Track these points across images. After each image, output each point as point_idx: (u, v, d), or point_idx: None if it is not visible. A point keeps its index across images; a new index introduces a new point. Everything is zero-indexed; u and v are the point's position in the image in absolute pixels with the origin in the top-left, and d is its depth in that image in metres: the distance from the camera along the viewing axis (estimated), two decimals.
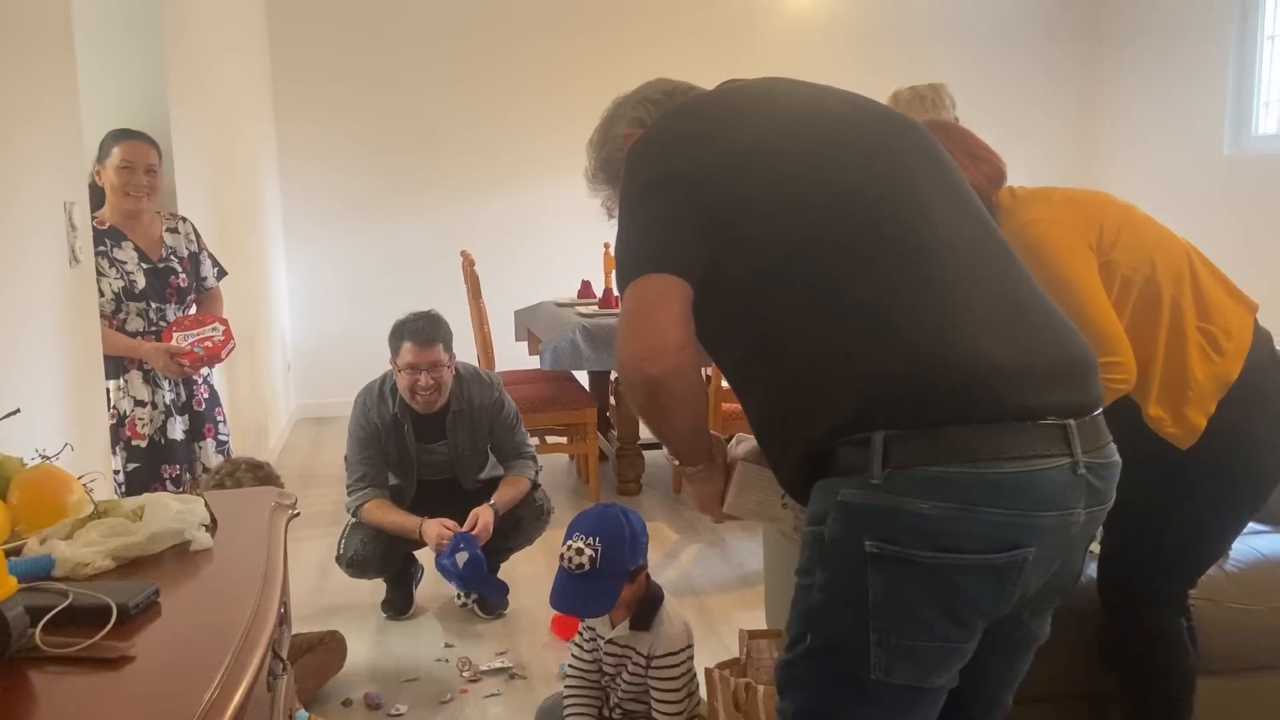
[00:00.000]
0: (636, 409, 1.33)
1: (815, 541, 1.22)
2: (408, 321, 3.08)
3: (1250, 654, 2.15)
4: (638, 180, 1.33)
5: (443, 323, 3.10)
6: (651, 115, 1.49)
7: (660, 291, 1.24)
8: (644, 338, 1.24)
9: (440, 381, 3.04)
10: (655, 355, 1.23)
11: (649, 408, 1.29)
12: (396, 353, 3.06)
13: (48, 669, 1.01)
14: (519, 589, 3.33)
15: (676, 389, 1.26)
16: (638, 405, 1.30)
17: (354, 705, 2.64)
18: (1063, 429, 1.18)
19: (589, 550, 2.20)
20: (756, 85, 1.43)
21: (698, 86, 1.52)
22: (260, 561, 1.29)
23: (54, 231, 2.12)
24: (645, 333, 1.24)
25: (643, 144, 1.37)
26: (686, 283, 1.25)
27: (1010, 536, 1.16)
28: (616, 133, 1.52)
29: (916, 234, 1.25)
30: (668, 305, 1.23)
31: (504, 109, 5.97)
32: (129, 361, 2.89)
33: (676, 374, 1.24)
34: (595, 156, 1.56)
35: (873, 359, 1.19)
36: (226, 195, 4.26)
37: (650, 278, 1.25)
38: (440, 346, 3.03)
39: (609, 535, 2.21)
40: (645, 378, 1.24)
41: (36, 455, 1.38)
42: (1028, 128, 6.44)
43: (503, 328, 5.11)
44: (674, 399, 1.27)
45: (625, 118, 1.52)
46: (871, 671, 1.18)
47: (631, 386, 1.27)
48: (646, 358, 1.23)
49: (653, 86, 1.54)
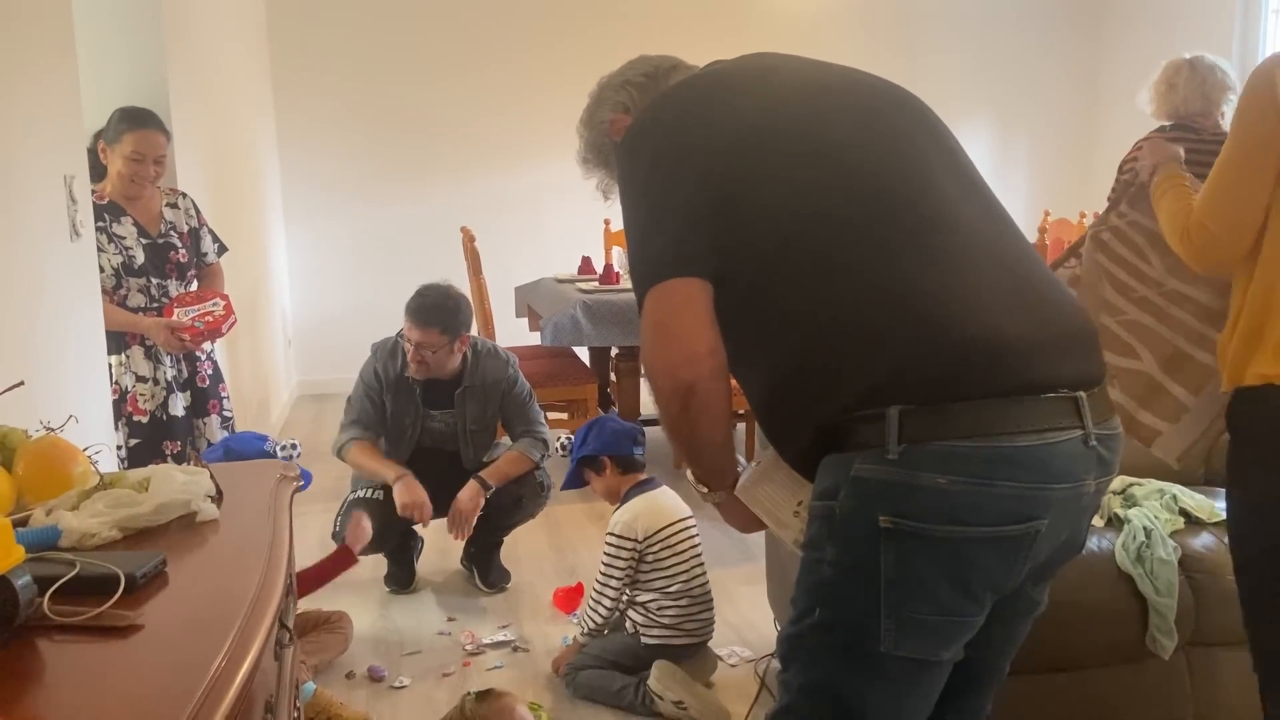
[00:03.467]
0: (668, 423, 1.31)
1: (826, 516, 1.22)
2: (418, 294, 3.06)
3: None
4: (641, 173, 1.31)
5: (448, 305, 3.03)
6: (634, 99, 1.47)
7: (685, 296, 1.24)
8: (675, 346, 1.24)
9: (427, 361, 3.03)
10: (688, 362, 1.23)
11: (680, 419, 1.28)
12: (405, 318, 3.07)
13: (56, 638, 1.02)
14: (521, 565, 3.35)
15: (710, 396, 1.25)
16: (670, 417, 1.29)
17: (357, 678, 2.65)
18: (1074, 401, 1.18)
19: (564, 437, 3.03)
20: (749, 63, 1.40)
21: (682, 62, 1.51)
22: (266, 532, 1.29)
23: (54, 204, 2.11)
24: (675, 341, 1.24)
25: (639, 134, 1.35)
26: (706, 282, 1.24)
27: (1024, 509, 1.16)
28: (601, 118, 1.51)
29: (923, 208, 1.24)
30: (694, 310, 1.23)
31: (504, 85, 5.93)
32: (130, 337, 2.89)
33: (710, 378, 1.24)
34: (584, 139, 1.55)
35: (885, 335, 1.18)
36: (226, 171, 4.24)
37: (673, 283, 1.24)
38: (436, 330, 3.00)
39: (581, 429, 2.79)
40: (680, 385, 1.24)
41: (41, 427, 1.38)
42: (1029, 112, 6.42)
43: (503, 304, 5.10)
44: (706, 406, 1.26)
45: (609, 102, 1.51)
46: (880, 645, 1.19)
47: (665, 395, 1.27)
48: (680, 364, 1.23)
49: (634, 68, 1.52)
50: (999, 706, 2.03)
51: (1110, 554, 2.13)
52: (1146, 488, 2.36)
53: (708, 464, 1.38)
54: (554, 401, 4.32)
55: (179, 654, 0.98)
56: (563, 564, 3.40)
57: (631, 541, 2.53)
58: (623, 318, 4.01)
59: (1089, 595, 2.06)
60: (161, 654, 0.99)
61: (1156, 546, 2.12)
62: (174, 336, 2.87)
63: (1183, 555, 2.13)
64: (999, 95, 6.41)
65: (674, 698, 2.40)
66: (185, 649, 0.99)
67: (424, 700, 2.52)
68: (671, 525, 2.56)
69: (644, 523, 2.54)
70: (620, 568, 2.54)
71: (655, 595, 2.53)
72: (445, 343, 3.03)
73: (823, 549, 1.22)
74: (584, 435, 2.76)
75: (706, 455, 1.36)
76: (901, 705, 1.24)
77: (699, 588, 2.55)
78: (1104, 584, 2.08)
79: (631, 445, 2.73)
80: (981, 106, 6.37)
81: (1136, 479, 2.42)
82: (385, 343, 3.18)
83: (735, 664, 2.69)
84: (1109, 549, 2.14)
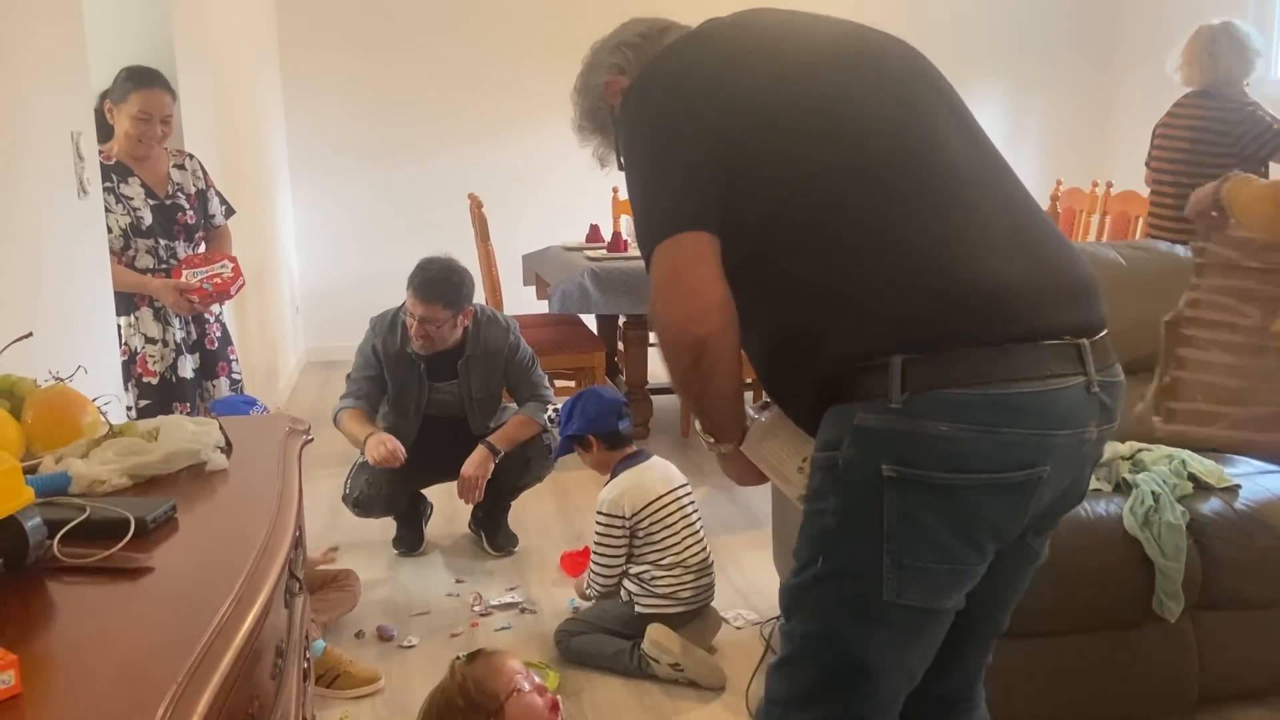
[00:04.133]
0: (679, 378, 1.30)
1: (829, 467, 1.22)
2: (421, 268, 3.03)
3: (1258, 590, 2.16)
4: (644, 131, 1.31)
5: (452, 280, 3.00)
6: (629, 60, 1.46)
7: (694, 251, 1.23)
8: (685, 300, 1.23)
9: (431, 336, 3.01)
10: (699, 316, 1.22)
11: (691, 374, 1.27)
12: (408, 292, 3.05)
13: (66, 579, 1.02)
14: (528, 528, 3.36)
15: (721, 350, 1.24)
16: (681, 372, 1.28)
17: (366, 638, 2.67)
18: (1076, 348, 1.19)
19: (552, 409, 3.18)
20: (749, 18, 1.38)
21: (675, 23, 1.49)
22: (275, 483, 1.30)
23: (61, 161, 2.10)
24: (685, 295, 1.23)
25: (640, 93, 1.34)
26: (714, 236, 1.24)
27: (1026, 456, 1.16)
28: (597, 81, 1.49)
29: (927, 158, 1.24)
30: (703, 264, 1.23)
31: (512, 51, 5.88)
32: (139, 299, 2.89)
33: (722, 332, 1.23)
34: (579, 106, 1.53)
35: (888, 285, 1.18)
36: (232, 134, 4.22)
37: (681, 237, 1.23)
38: (440, 305, 2.97)
39: (567, 402, 2.80)
40: (691, 340, 1.23)
41: (50, 376, 1.38)
42: (1043, 80, 6.35)
43: (510, 272, 5.08)
44: (717, 361, 1.25)
45: (604, 65, 1.49)
46: (884, 594, 1.19)
47: (675, 349, 1.26)
48: (690, 318, 1.23)
49: (627, 29, 1.51)
50: (1005, 669, 2.03)
51: (1118, 517, 2.12)
52: (1155, 453, 2.36)
53: (718, 418, 1.37)
54: (561, 369, 4.32)
55: (189, 596, 0.99)
56: (570, 529, 3.41)
57: (620, 519, 2.53)
58: (631, 286, 3.99)
59: (1096, 558, 2.06)
60: (172, 595, 1.00)
61: (1165, 510, 2.11)
62: (183, 298, 2.87)
63: (1191, 520, 2.13)
64: (1013, 63, 6.35)
65: (669, 660, 2.41)
66: (196, 591, 1.00)
67: (432, 659, 2.54)
68: (660, 499, 2.55)
69: (630, 499, 2.54)
70: (613, 544, 2.54)
71: (647, 567, 2.52)
72: (449, 317, 3.01)
73: (825, 499, 1.23)
74: (569, 410, 2.76)
75: (717, 410, 1.35)
76: (904, 654, 1.25)
77: (693, 557, 2.53)
78: (1111, 547, 2.07)
79: (616, 420, 2.72)
80: (995, 74, 6.30)
81: (1145, 444, 2.42)
82: (383, 317, 3.16)
83: (741, 626, 2.70)
84: (1117, 513, 2.13)
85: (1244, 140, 3.57)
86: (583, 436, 2.73)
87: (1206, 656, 2.16)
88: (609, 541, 2.55)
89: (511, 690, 1.68)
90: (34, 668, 0.83)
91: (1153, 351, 1.81)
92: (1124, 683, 2.13)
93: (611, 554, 2.55)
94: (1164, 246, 2.78)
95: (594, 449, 2.73)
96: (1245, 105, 3.66)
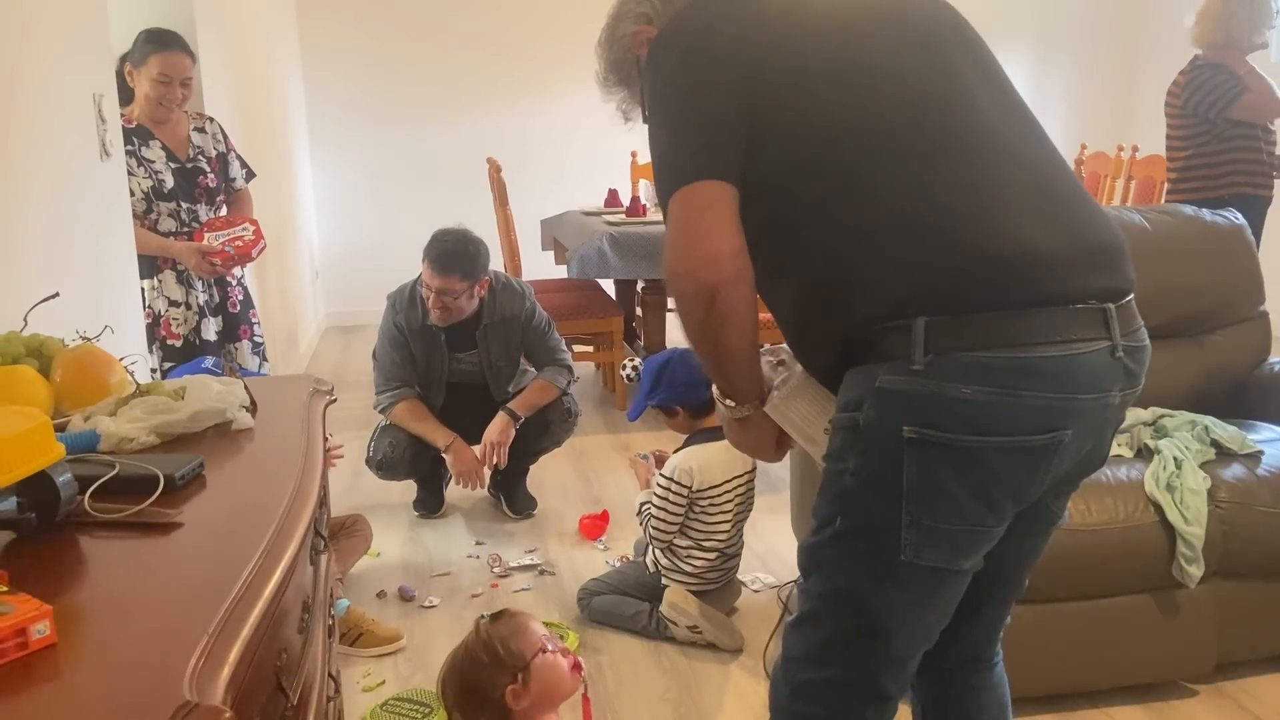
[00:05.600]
0: (692, 330, 1.24)
1: (850, 427, 1.22)
2: (436, 239, 3.02)
3: (1279, 558, 2.16)
4: (667, 78, 1.29)
5: (468, 250, 3.00)
6: (657, 10, 1.43)
7: (709, 198, 1.21)
8: (697, 246, 1.20)
9: (449, 307, 3.02)
10: (710, 262, 1.19)
11: (705, 324, 1.22)
12: (423, 264, 3.05)
13: (97, 534, 1.04)
14: (547, 492, 3.39)
15: (733, 299, 1.20)
16: (694, 323, 1.24)
17: (388, 597, 2.71)
18: (1102, 312, 1.18)
19: (631, 366, 3.59)
20: None
21: None
22: (300, 442, 1.31)
23: (83, 123, 2.11)
24: (697, 241, 1.20)
25: (667, 39, 1.32)
26: (734, 186, 1.21)
27: (1049, 420, 1.16)
28: (624, 31, 1.47)
29: (956, 120, 1.22)
30: (718, 211, 1.20)
31: (532, 16, 5.84)
32: (162, 261, 2.90)
33: (734, 280, 1.19)
34: (605, 58, 1.50)
35: (915, 245, 1.17)
36: (251, 98, 4.22)
37: (697, 185, 1.21)
38: (457, 276, 2.97)
39: (649, 362, 2.73)
40: (701, 286, 1.19)
41: (78, 336, 1.39)
42: (1070, 41, 6.25)
43: (528, 237, 5.08)
44: (731, 311, 1.21)
45: (631, 15, 1.46)
46: (901, 553, 1.19)
47: (687, 299, 1.23)
48: (701, 264, 1.20)
49: None
50: (1025, 633, 2.04)
51: (1140, 482, 2.12)
52: (1178, 419, 2.34)
53: (733, 375, 1.33)
54: (579, 334, 4.32)
55: (218, 550, 1.00)
56: (589, 492, 3.43)
57: (684, 488, 2.47)
58: (649, 250, 3.98)
59: (1117, 523, 2.06)
60: (201, 550, 1.01)
61: (1187, 476, 2.10)
62: (205, 261, 2.88)
63: (1212, 486, 2.12)
64: (1039, 25, 6.25)
65: (688, 623, 2.43)
66: (224, 546, 1.01)
67: (453, 618, 2.58)
68: (728, 482, 2.49)
69: (700, 474, 2.48)
70: (672, 508, 2.48)
71: (690, 545, 2.50)
72: (466, 288, 3.01)
73: (846, 460, 1.22)
74: (656, 375, 2.65)
75: (731, 365, 1.31)
76: (921, 613, 1.25)
77: (731, 545, 2.52)
78: (1132, 512, 2.07)
79: (705, 390, 2.65)
80: (1021, 36, 6.21)
81: (1168, 410, 2.40)
82: (401, 292, 3.16)
83: (759, 590, 2.72)
84: (1138, 478, 2.13)
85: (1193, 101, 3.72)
86: (669, 406, 2.66)
87: (1225, 623, 2.16)
88: (668, 505, 2.49)
89: (538, 649, 1.69)
90: (68, 619, 0.84)
91: (1178, 315, 1.79)
92: (1142, 648, 2.13)
93: (670, 515, 2.49)
94: (1189, 210, 2.75)
95: (680, 416, 2.66)
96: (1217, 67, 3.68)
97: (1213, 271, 2.61)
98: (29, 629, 0.79)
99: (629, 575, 2.61)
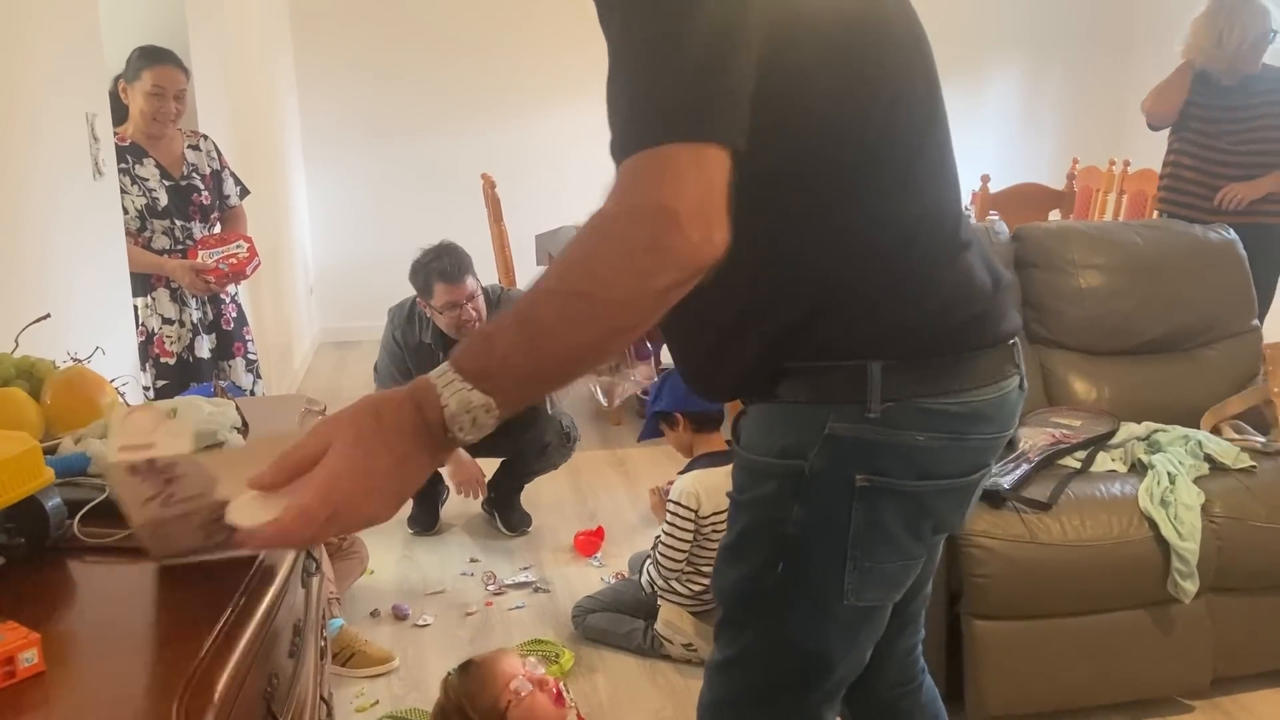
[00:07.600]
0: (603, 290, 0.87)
1: (792, 475, 1.15)
2: (429, 261, 3.00)
3: (1273, 572, 2.16)
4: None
5: (462, 252, 3.04)
6: None
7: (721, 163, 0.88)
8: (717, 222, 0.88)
9: (475, 311, 3.03)
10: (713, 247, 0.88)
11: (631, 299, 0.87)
12: (428, 295, 3.00)
13: (86, 559, 1.03)
14: (543, 509, 3.38)
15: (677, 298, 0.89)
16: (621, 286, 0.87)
17: (382, 616, 2.69)
18: (1012, 349, 1.18)
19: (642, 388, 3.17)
20: None
21: None
22: None
23: (76, 142, 2.11)
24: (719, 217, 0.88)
25: None
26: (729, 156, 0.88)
27: (984, 458, 1.18)
28: None
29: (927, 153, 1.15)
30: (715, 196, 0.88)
31: (526, 31, 5.86)
32: (156, 279, 2.90)
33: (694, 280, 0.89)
34: None
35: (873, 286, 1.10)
36: (246, 115, 4.22)
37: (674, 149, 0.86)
38: (469, 277, 3.01)
39: (658, 380, 2.58)
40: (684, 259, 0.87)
41: (68, 358, 1.39)
42: (1062, 56, 6.28)
43: (524, 252, 5.08)
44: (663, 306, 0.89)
45: None
46: (845, 598, 1.17)
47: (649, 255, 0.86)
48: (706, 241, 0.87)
49: None
50: (1020, 649, 2.04)
51: (1133, 498, 2.12)
52: (1171, 434, 2.35)
53: (566, 376, 0.94)
54: None
55: (208, 575, 1.00)
56: (584, 508, 3.42)
57: (690, 511, 2.43)
58: None
59: (1111, 539, 2.05)
60: (190, 575, 1.01)
61: (1181, 491, 2.11)
62: (199, 278, 2.88)
63: (1206, 501, 2.12)
64: (1031, 39, 6.28)
65: (682, 640, 2.42)
66: (214, 570, 1.00)
67: (448, 637, 2.56)
68: None
69: (706, 499, 2.43)
70: (680, 534, 2.43)
71: (691, 570, 2.47)
72: (478, 285, 3.05)
73: (786, 509, 1.16)
74: (659, 387, 2.63)
75: (584, 369, 0.93)
76: (861, 646, 1.25)
77: None
78: (1127, 528, 2.07)
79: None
80: (1013, 50, 6.24)
81: (1161, 425, 2.41)
82: (400, 308, 3.17)
83: None
84: (1132, 493, 2.13)
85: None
86: (669, 414, 2.63)
87: (1221, 639, 2.16)
88: (675, 532, 2.44)
89: (508, 699, 1.63)
90: (56, 646, 0.84)
91: (1171, 330, 1.79)
92: (1138, 664, 2.13)
93: (677, 543, 2.44)
94: (1180, 226, 2.76)
95: (680, 427, 2.61)
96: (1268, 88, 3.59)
97: (1205, 286, 2.62)
98: (17, 658, 0.79)
99: (624, 593, 2.60)
